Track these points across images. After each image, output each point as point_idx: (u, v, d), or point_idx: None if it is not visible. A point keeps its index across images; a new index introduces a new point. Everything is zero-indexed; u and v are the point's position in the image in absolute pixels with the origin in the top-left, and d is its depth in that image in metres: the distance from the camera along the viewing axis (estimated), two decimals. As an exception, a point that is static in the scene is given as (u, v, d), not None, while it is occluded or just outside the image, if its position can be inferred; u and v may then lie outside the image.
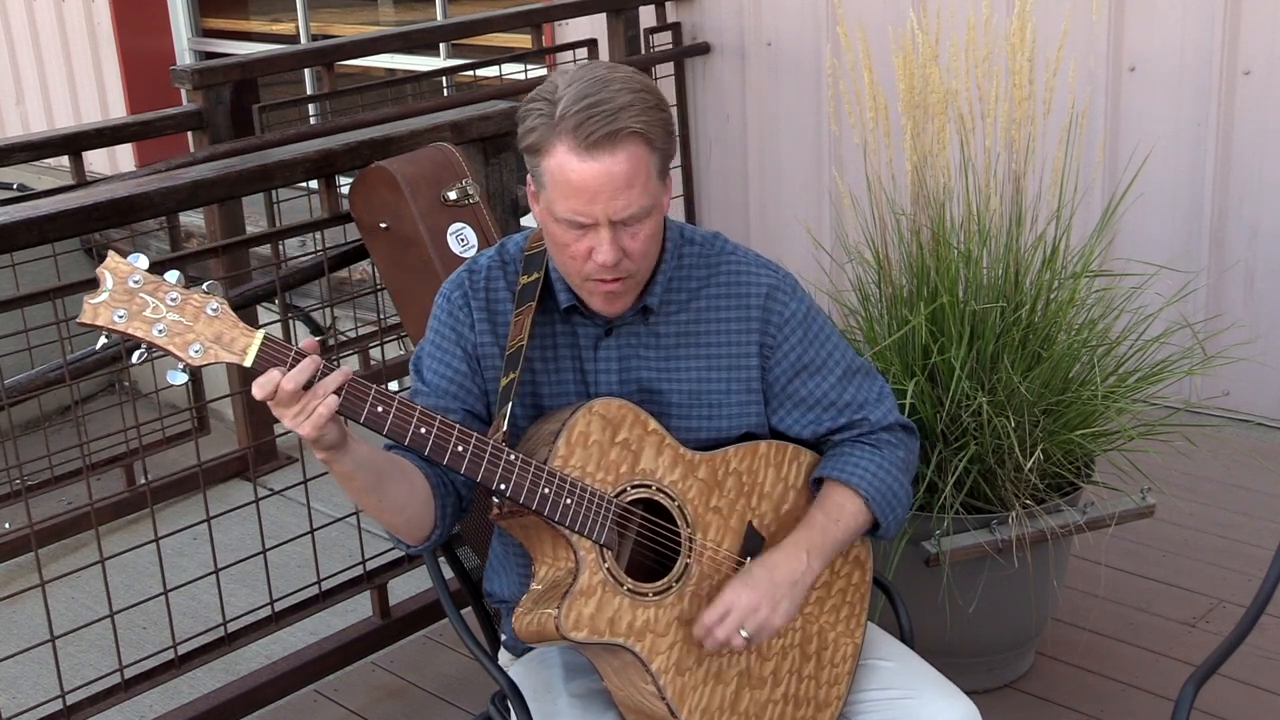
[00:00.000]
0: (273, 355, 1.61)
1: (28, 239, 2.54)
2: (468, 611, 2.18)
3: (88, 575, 3.32)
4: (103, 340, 1.59)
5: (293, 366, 1.60)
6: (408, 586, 3.30)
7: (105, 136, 4.18)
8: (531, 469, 1.74)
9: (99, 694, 2.81)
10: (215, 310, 1.59)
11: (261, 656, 3.20)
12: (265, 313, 3.92)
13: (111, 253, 1.59)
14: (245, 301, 3.19)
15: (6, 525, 4.33)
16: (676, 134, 1.81)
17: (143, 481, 3.75)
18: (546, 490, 1.74)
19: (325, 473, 3.27)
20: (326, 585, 3.12)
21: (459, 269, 1.95)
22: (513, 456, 1.73)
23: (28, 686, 3.26)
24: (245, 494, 3.52)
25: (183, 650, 2.91)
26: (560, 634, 1.73)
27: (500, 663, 2.08)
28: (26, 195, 4.91)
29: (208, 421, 4.41)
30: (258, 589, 3.12)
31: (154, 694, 2.96)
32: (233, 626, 2.99)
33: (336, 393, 1.61)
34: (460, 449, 1.71)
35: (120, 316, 1.56)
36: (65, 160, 4.00)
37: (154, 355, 1.60)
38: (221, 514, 3.07)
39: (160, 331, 1.57)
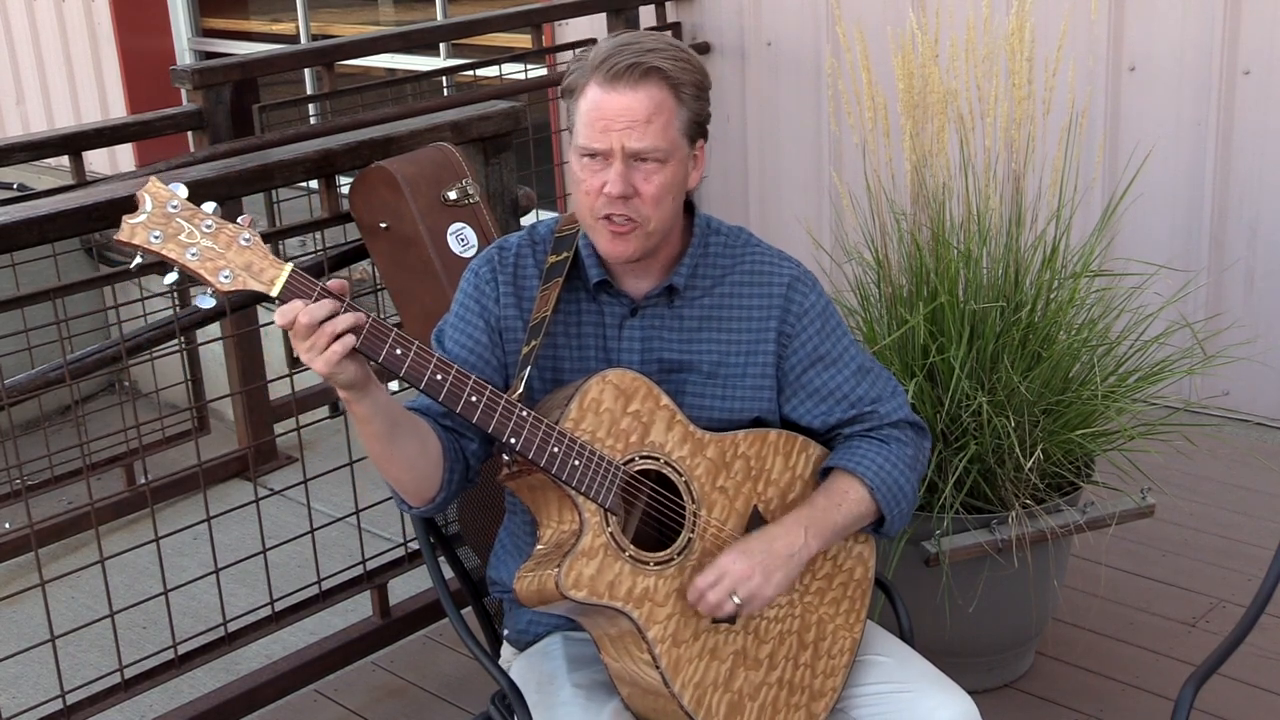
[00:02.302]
0: (299, 288, 1.65)
1: (28, 239, 2.54)
2: (468, 611, 2.18)
3: (88, 575, 3.32)
4: (138, 260, 1.64)
5: (317, 301, 1.64)
6: (408, 586, 3.30)
7: (105, 136, 4.18)
8: (542, 427, 1.77)
9: (99, 694, 2.81)
10: (248, 240, 1.64)
11: (261, 656, 3.19)
12: (265, 312, 3.92)
13: (153, 178, 1.65)
14: (245, 301, 3.19)
15: (6, 525, 4.33)
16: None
17: (143, 481, 3.75)
18: (556, 449, 1.76)
19: (325, 473, 3.28)
20: (326, 585, 3.12)
21: (489, 246, 2.00)
22: (524, 412, 1.77)
23: (28, 686, 3.26)
24: (245, 494, 3.51)
25: (183, 650, 2.91)
26: (560, 592, 1.74)
27: (502, 659, 2.09)
28: (26, 195, 4.91)
29: (208, 421, 4.41)
30: (258, 589, 3.12)
31: (154, 694, 2.96)
32: (233, 626, 2.99)
33: (355, 333, 1.65)
34: (474, 399, 1.74)
35: (156, 237, 1.61)
36: (65, 160, 4.00)
37: (183, 280, 1.65)
38: (221, 514, 3.07)
39: (193, 255, 1.62)
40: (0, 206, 2.89)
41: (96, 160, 6.79)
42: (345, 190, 3.06)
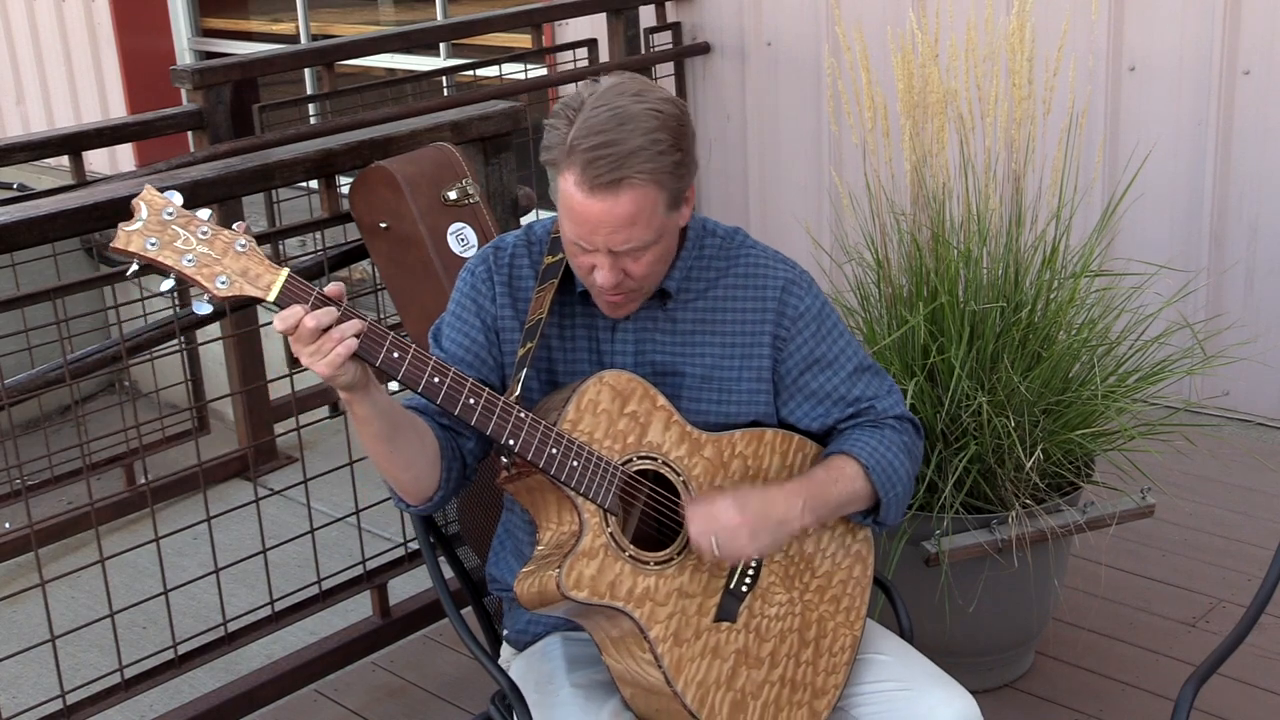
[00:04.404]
0: (296, 292, 1.65)
1: (28, 239, 2.54)
2: (467, 611, 2.18)
3: (88, 575, 3.32)
4: (134, 268, 1.64)
5: (315, 306, 1.64)
6: (408, 586, 3.30)
7: (105, 136, 4.18)
8: (540, 428, 1.77)
9: (99, 694, 2.81)
10: (244, 246, 1.64)
11: (261, 656, 3.19)
12: (265, 312, 3.92)
13: (148, 185, 1.65)
14: (245, 301, 3.18)
15: (6, 525, 4.33)
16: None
17: (143, 481, 3.75)
18: (554, 450, 1.76)
19: (325, 473, 3.28)
20: (326, 585, 3.12)
21: (485, 245, 2.00)
22: (522, 414, 1.77)
23: (28, 686, 3.26)
24: (245, 494, 3.51)
25: (183, 650, 2.91)
26: (561, 593, 1.74)
27: (502, 659, 2.09)
28: (26, 195, 4.91)
29: (208, 421, 4.41)
30: (258, 589, 3.12)
31: (154, 694, 2.96)
32: (233, 626, 2.99)
33: (356, 336, 1.65)
34: (472, 401, 1.74)
35: (152, 244, 1.61)
36: (65, 160, 4.00)
37: (179, 287, 1.65)
38: (221, 514, 3.07)
39: (189, 262, 1.62)
40: (0, 206, 2.89)
41: (96, 160, 6.79)
42: (345, 190, 3.06)
